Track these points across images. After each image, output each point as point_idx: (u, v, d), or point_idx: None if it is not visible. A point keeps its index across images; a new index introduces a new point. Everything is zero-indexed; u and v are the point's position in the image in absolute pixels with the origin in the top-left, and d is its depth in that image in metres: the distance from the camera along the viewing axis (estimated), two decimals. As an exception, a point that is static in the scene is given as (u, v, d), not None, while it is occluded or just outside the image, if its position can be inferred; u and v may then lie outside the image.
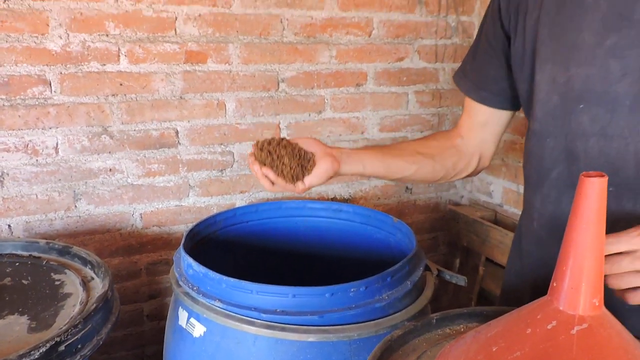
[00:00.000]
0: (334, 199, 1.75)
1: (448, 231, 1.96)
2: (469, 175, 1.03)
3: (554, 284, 0.55)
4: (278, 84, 1.58)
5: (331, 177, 0.89)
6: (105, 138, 1.43)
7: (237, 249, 1.39)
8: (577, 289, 0.53)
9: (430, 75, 1.79)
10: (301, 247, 1.46)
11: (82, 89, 1.38)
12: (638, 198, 0.69)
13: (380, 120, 1.76)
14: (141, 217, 1.52)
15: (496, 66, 0.88)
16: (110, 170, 1.46)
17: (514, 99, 0.91)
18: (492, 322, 0.61)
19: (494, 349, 0.56)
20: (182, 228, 1.57)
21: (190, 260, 1.05)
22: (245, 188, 1.63)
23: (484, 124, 0.97)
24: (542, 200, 0.80)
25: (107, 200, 1.47)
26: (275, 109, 1.60)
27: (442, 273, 1.21)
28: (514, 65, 0.83)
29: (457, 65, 1.69)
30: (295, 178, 0.86)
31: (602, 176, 0.51)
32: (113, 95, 1.41)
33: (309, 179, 0.87)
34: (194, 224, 1.25)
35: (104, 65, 1.39)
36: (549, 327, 0.53)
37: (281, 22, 1.54)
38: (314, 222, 1.46)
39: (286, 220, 1.46)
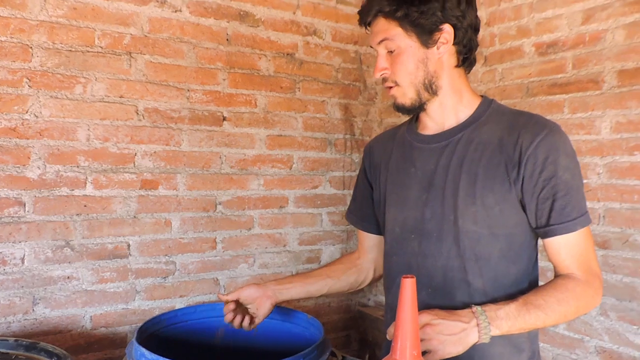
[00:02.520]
0: (260, 302, 2.06)
1: (358, 329, 2.29)
2: (370, 283, 1.43)
3: (392, 344, 0.91)
4: (216, 206, 1.94)
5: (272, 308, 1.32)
6: (67, 250, 1.69)
7: (178, 344, 1.64)
8: (403, 345, 0.89)
9: (339, 200, 2.24)
10: (231, 342, 1.74)
11: (52, 210, 1.67)
12: (445, 297, 1.08)
13: (300, 236, 2.14)
14: (91, 319, 1.75)
15: (369, 205, 1.31)
16: (68, 277, 1.70)
17: None
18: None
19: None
20: (127, 329, 1.80)
21: (143, 350, 1.31)
22: (184, 293, 1.91)
23: (372, 247, 1.37)
24: (391, 298, 1.18)
25: (63, 304, 1.70)
26: (213, 227, 1.94)
27: (346, 358, 1.54)
28: (375, 206, 1.26)
29: (359, 192, 2.15)
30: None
31: (412, 277, 0.90)
32: (77, 214, 1.70)
33: (259, 319, 1.31)
34: (144, 321, 1.51)
35: (73, 190, 1.70)
36: (388, 370, 0.89)
37: (220, 157, 1.94)
38: (243, 320, 1.76)
39: (220, 319, 1.74)
